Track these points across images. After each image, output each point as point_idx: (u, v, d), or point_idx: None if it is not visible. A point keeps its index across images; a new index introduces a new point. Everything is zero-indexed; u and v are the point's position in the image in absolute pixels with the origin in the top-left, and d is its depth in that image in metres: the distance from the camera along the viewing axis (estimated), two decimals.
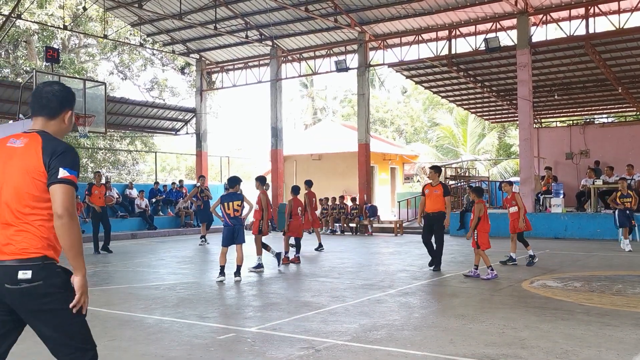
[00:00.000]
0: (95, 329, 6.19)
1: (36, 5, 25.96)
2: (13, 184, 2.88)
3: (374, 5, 20.31)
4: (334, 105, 55.39)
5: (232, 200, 9.63)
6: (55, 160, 2.85)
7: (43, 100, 3.05)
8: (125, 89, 63.57)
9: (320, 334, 5.91)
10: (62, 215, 2.80)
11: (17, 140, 2.97)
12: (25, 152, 2.90)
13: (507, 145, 39.80)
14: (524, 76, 18.45)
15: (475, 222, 9.77)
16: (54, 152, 2.87)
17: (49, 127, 3.05)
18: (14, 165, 2.90)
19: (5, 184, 2.90)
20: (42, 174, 2.85)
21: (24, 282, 2.80)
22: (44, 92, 3.07)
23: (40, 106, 3.06)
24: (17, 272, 2.80)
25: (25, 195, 2.86)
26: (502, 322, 6.34)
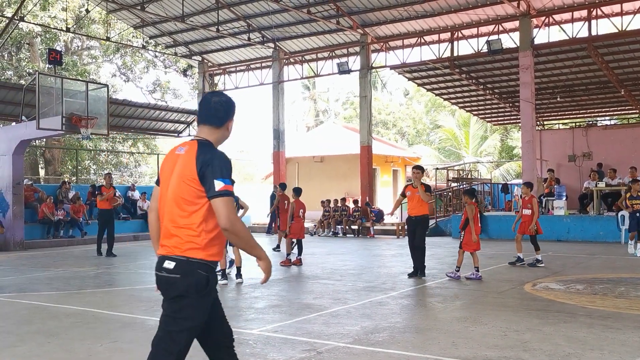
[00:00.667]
0: (97, 331, 6.22)
1: (39, 7, 26.01)
2: (173, 188, 3.16)
3: (376, 7, 20.33)
4: (336, 107, 55.40)
5: None
6: (208, 171, 3.04)
7: (211, 110, 3.26)
8: (128, 91, 63.73)
9: (322, 336, 5.89)
10: (226, 228, 3.00)
11: (183, 149, 3.23)
12: (184, 159, 3.15)
13: (509, 148, 39.76)
14: (526, 78, 18.44)
15: (464, 222, 9.86)
16: (204, 162, 3.06)
17: (213, 134, 3.27)
18: (176, 171, 3.17)
19: (169, 187, 3.19)
20: (194, 180, 3.06)
21: (164, 270, 3.09)
22: (212, 102, 3.28)
23: (208, 115, 3.27)
24: (164, 262, 3.10)
25: (180, 199, 3.11)
26: (505, 325, 6.32)
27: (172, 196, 3.14)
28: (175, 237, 3.10)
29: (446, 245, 16.70)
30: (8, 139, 17.04)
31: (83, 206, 19.99)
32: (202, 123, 3.28)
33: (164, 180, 3.26)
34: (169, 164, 3.26)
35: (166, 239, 3.15)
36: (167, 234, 3.15)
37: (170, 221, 3.14)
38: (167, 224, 3.16)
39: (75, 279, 10.45)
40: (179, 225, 3.10)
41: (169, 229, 3.14)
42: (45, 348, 5.58)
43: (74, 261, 13.62)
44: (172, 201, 3.14)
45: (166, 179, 3.24)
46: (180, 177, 3.12)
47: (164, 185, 3.25)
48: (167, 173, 3.25)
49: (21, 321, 6.85)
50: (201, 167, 3.05)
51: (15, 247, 16.50)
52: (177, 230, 3.10)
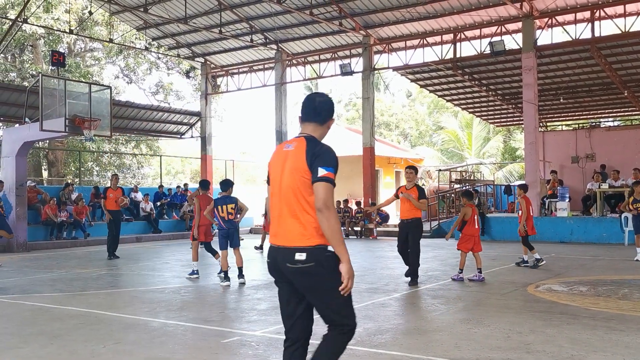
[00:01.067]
0: (100, 332, 6.22)
1: (42, 9, 26.08)
2: (287, 182, 3.41)
3: (378, 9, 20.33)
4: (338, 108, 55.40)
5: (225, 203, 9.64)
6: (316, 161, 3.33)
7: (317, 109, 3.56)
8: (131, 92, 63.85)
9: None
10: (321, 209, 3.27)
11: (290, 145, 3.50)
12: (294, 154, 3.42)
13: (512, 149, 39.71)
14: (529, 79, 18.40)
15: (460, 224, 9.85)
16: (314, 154, 3.35)
17: (317, 131, 3.56)
18: (287, 166, 3.43)
19: (282, 182, 3.44)
20: (307, 172, 3.33)
21: (299, 262, 3.32)
22: (316, 102, 3.58)
23: (313, 114, 3.56)
24: (295, 255, 3.33)
25: (297, 191, 3.37)
26: (508, 327, 6.31)
27: (289, 189, 3.40)
28: (298, 228, 3.36)
29: (449, 247, 16.67)
30: (11, 141, 17.08)
31: (86, 208, 20.02)
32: (306, 121, 3.57)
33: (275, 175, 3.51)
34: (278, 160, 3.52)
35: (286, 230, 3.39)
36: (286, 225, 3.39)
37: (289, 213, 3.39)
38: (285, 215, 3.40)
39: (78, 281, 10.46)
40: (299, 216, 3.36)
41: (287, 221, 3.39)
42: (48, 349, 5.59)
43: (76, 263, 13.63)
44: (289, 194, 3.40)
45: (277, 175, 3.49)
46: (294, 170, 3.38)
47: (276, 181, 3.50)
48: (277, 169, 3.50)
49: (24, 323, 6.86)
50: (311, 159, 3.33)
51: (19, 249, 16.53)
52: (297, 221, 3.36)
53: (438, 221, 21.63)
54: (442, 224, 21.19)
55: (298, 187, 3.36)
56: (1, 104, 20.98)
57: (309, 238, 3.33)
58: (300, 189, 3.36)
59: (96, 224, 20.26)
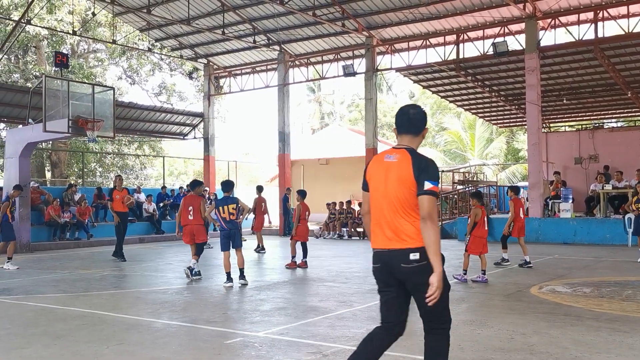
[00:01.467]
0: (103, 333, 6.23)
1: (46, 10, 26.13)
2: (393, 191, 3.67)
3: (381, 9, 20.32)
4: (341, 109, 55.41)
5: (226, 204, 9.66)
6: (422, 174, 3.59)
7: (412, 121, 3.80)
8: (134, 93, 63.94)
9: (328, 339, 5.88)
10: (425, 219, 3.54)
11: (391, 156, 3.75)
12: (399, 165, 3.68)
13: (515, 150, 39.65)
14: (532, 80, 18.37)
15: (472, 226, 9.75)
16: (420, 167, 3.61)
17: (414, 142, 3.81)
18: (392, 176, 3.69)
19: (387, 190, 3.69)
20: (413, 183, 3.60)
21: (414, 262, 3.58)
22: (410, 114, 3.81)
23: (408, 126, 3.81)
24: (409, 255, 3.59)
25: (403, 200, 3.64)
26: (511, 328, 6.30)
27: (394, 197, 3.67)
28: (409, 231, 3.63)
29: (452, 247, 16.65)
30: (15, 142, 17.10)
31: (89, 208, 20.04)
32: (402, 133, 3.83)
33: (376, 184, 3.77)
34: (379, 169, 3.79)
35: (397, 234, 3.65)
36: (397, 229, 3.66)
37: (398, 218, 3.66)
38: (394, 221, 3.67)
39: (81, 281, 10.47)
40: (408, 221, 3.64)
41: (397, 226, 3.66)
42: (51, 350, 5.59)
43: (80, 263, 13.65)
44: (394, 201, 3.67)
45: (379, 182, 3.76)
46: (400, 180, 3.66)
47: (377, 188, 3.76)
48: (379, 177, 3.77)
49: (28, 323, 6.87)
50: (418, 172, 3.60)
51: (22, 250, 16.53)
52: (408, 225, 3.64)
53: (441, 222, 21.60)
54: (445, 225, 21.16)
55: (405, 196, 3.64)
56: (4, 105, 21.02)
57: (420, 240, 3.60)
58: (407, 197, 3.64)
59: (99, 225, 20.29)
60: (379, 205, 3.74)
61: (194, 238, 10.51)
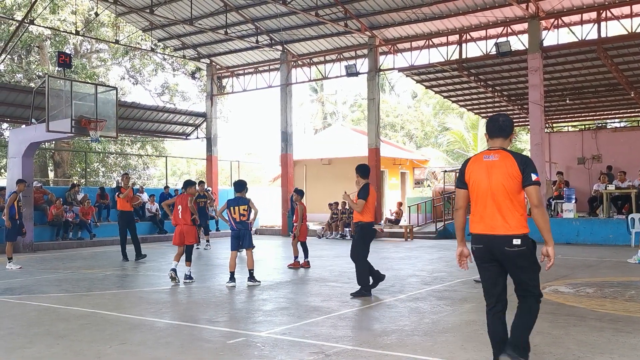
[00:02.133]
0: (105, 333, 6.23)
1: (49, 11, 26.17)
2: (499, 184, 4.39)
3: (384, 9, 20.31)
4: (344, 109, 55.40)
5: (238, 204, 9.67)
6: (527, 168, 4.36)
7: (502, 127, 4.56)
8: (136, 93, 64.07)
9: (330, 339, 5.88)
10: (537, 205, 4.37)
11: (490, 156, 4.48)
12: (502, 163, 4.41)
13: (518, 150, 39.63)
14: (535, 80, 18.34)
15: None
16: (524, 162, 4.39)
17: (504, 144, 4.55)
18: (496, 171, 4.41)
19: (492, 184, 4.42)
20: (519, 177, 4.36)
21: (516, 247, 4.37)
22: (500, 121, 4.58)
23: (499, 131, 4.55)
24: (512, 240, 4.37)
25: (509, 191, 4.38)
26: None
27: (500, 190, 4.39)
28: (510, 220, 4.37)
29: (455, 248, 16.62)
30: (18, 142, 17.14)
31: (92, 208, 20.07)
32: (494, 137, 4.57)
33: (479, 179, 4.48)
34: (480, 168, 4.50)
35: (503, 222, 4.39)
36: (502, 218, 4.39)
37: (503, 209, 4.38)
38: (498, 211, 4.39)
39: (84, 281, 10.49)
40: (512, 211, 4.38)
41: (501, 215, 4.38)
42: (54, 350, 5.60)
43: (82, 263, 13.67)
44: (500, 193, 4.39)
45: (482, 178, 4.47)
46: (506, 175, 4.37)
47: (480, 184, 4.47)
48: (480, 174, 4.48)
49: (30, 323, 6.88)
50: (523, 166, 4.35)
51: (25, 249, 16.58)
52: (511, 215, 4.37)
53: (444, 222, 21.59)
54: (448, 225, 21.14)
55: (511, 188, 4.37)
56: (8, 105, 21.07)
57: (521, 228, 4.38)
58: (513, 188, 4.37)
59: (102, 225, 20.31)
60: (484, 197, 4.47)
61: (184, 239, 10.25)
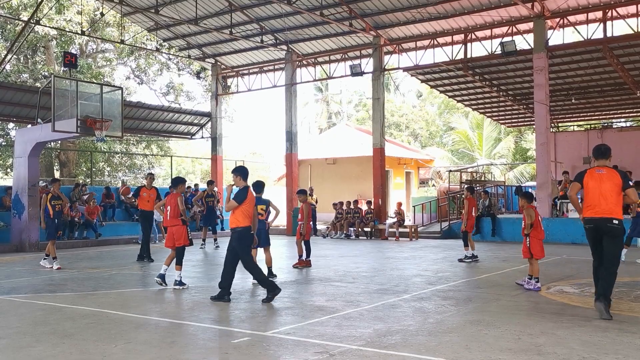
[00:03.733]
0: (111, 332, 6.26)
1: (54, 11, 26.25)
2: (608, 190, 6.87)
3: (389, 9, 20.29)
4: (348, 109, 55.39)
5: (257, 204, 9.74)
6: (625, 179, 6.91)
7: (604, 152, 7.13)
8: (142, 93, 64.17)
9: (335, 339, 5.89)
10: (635, 201, 7.18)
11: (602, 170, 6.97)
12: (610, 176, 6.93)
13: (523, 150, 39.51)
14: (540, 80, 18.31)
15: (528, 228, 8.95)
16: (623, 176, 6.92)
17: (607, 163, 7.06)
18: (606, 181, 6.90)
19: (602, 189, 6.89)
20: (620, 185, 6.87)
21: (614, 225, 6.81)
22: (602, 148, 7.16)
23: (603, 154, 7.11)
24: (613, 221, 6.80)
25: (614, 194, 6.88)
26: (518, 328, 6.29)
27: (608, 194, 6.85)
28: (614, 210, 6.81)
29: (459, 248, 16.59)
30: (24, 142, 17.21)
31: (98, 208, 20.13)
32: (599, 158, 7.10)
33: (594, 185, 6.93)
34: (594, 177, 6.96)
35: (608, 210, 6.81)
36: (607, 208, 6.82)
37: (609, 203, 6.82)
38: (606, 204, 6.83)
39: (90, 280, 10.53)
40: (615, 204, 6.84)
41: (608, 206, 6.82)
42: (60, 349, 5.63)
43: (88, 263, 13.71)
44: (608, 196, 6.83)
45: (596, 185, 6.92)
46: (614, 184, 6.86)
47: (595, 188, 6.92)
48: (595, 182, 6.94)
49: (37, 322, 6.91)
50: (624, 179, 6.87)
51: (31, 249, 16.66)
52: (614, 207, 6.82)
53: (449, 222, 21.57)
54: (453, 225, 21.12)
55: (616, 192, 6.88)
56: (14, 105, 21.13)
57: (618, 214, 6.84)
58: (617, 193, 6.88)
59: (108, 224, 20.36)
60: (597, 197, 6.88)
61: (174, 241, 9.57)
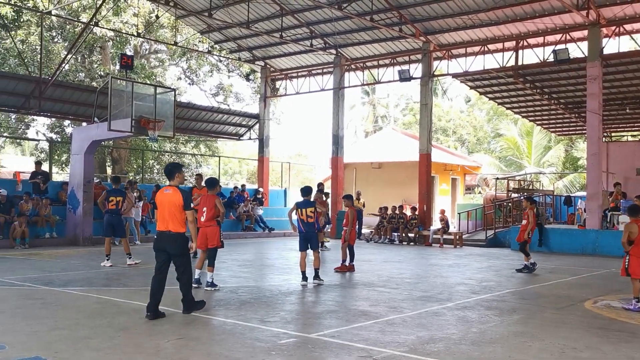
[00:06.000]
0: (163, 327, 6.53)
1: (112, 13, 27.12)
2: None
3: (439, 15, 20.24)
4: (395, 113, 55.23)
5: (305, 207, 10.28)
6: None
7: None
8: (192, 93, 65.36)
9: (378, 344, 6.00)
10: None
11: None
12: None
13: (574, 159, 38.63)
14: (594, 89, 17.94)
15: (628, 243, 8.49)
16: None
17: None
18: None
19: None
20: None
21: None
22: None
23: None
24: None
25: None
26: (563, 342, 6.26)
27: None
28: None
29: (505, 257, 16.45)
30: (81, 139, 17.87)
31: (147, 205, 20.68)
32: None
33: None
34: None
35: None
36: None
37: None
38: None
39: (140, 276, 10.89)
40: None
41: None
42: (116, 341, 5.92)
43: (138, 258, 14.13)
44: None
45: None
46: None
47: None
48: None
49: (93, 314, 7.25)
50: None
51: (84, 243, 17.27)
52: None
53: (494, 230, 21.33)
54: (499, 233, 20.88)
55: None
56: (71, 103, 21.98)
57: None
58: None
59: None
60: None
61: (207, 242, 9.46)
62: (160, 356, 5.39)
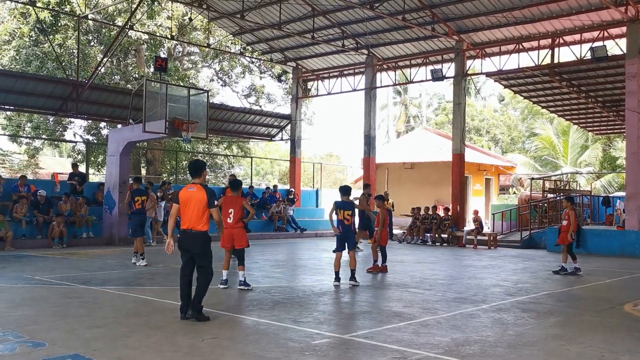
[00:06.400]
0: (197, 326, 6.59)
1: (146, 16, 27.52)
2: None
3: (472, 13, 20.02)
4: (427, 112, 54.83)
5: (344, 208, 10.29)
6: None
7: None
8: (224, 94, 65.97)
9: (412, 345, 5.95)
10: None
11: None
12: None
13: (612, 158, 37.78)
14: (632, 87, 17.52)
15: None
16: None
17: None
18: None
19: None
20: None
21: None
22: None
23: None
24: None
25: None
26: (602, 345, 6.12)
27: None
28: None
29: (540, 258, 16.18)
30: (116, 141, 18.19)
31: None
32: None
33: None
34: None
35: None
36: None
37: None
38: None
39: (174, 276, 10.88)
40: None
41: None
42: (152, 340, 5.99)
43: (172, 258, 14.27)
44: None
45: None
46: None
47: None
48: None
49: (129, 313, 7.36)
50: None
51: (120, 243, 17.57)
52: None
53: (529, 231, 20.98)
54: (534, 234, 20.54)
55: None
56: (107, 106, 22.40)
57: None
58: None
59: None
60: None
61: (234, 243, 9.47)
62: (195, 355, 5.44)
